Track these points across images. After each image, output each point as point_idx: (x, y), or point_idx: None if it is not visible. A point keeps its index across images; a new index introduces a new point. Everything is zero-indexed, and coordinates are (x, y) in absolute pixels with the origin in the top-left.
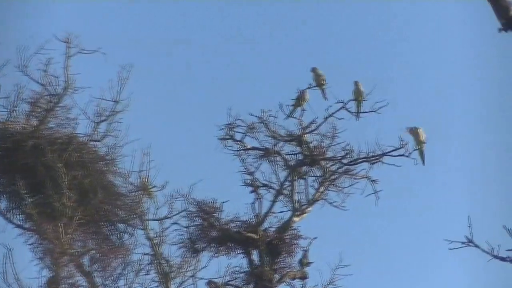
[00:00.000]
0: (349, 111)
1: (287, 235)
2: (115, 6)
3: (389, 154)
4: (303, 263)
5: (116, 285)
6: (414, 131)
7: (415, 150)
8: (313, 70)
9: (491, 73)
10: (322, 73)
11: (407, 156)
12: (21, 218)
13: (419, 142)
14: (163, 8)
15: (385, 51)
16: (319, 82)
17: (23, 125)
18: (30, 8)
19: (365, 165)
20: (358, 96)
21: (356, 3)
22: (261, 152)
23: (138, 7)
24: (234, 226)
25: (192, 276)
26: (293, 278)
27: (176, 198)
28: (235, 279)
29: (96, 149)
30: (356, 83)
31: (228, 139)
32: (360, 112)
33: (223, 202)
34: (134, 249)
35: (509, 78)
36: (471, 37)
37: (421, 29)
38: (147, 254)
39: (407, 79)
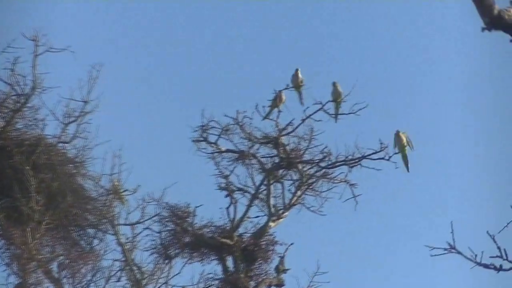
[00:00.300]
0: (327, 112)
1: (263, 241)
2: (86, 4)
3: (368, 157)
4: (280, 269)
5: None
6: (396, 135)
7: (395, 153)
8: (296, 71)
9: (475, 76)
10: (301, 76)
11: (387, 160)
12: None
13: (401, 146)
14: (136, 8)
15: (367, 51)
16: (296, 84)
17: None
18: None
19: (344, 168)
20: (336, 97)
21: (336, 3)
22: (236, 154)
23: (111, 6)
24: (208, 232)
25: (164, 283)
26: (269, 286)
27: (148, 202)
28: (209, 286)
29: (65, 151)
30: (334, 84)
31: (202, 141)
32: (339, 114)
33: (197, 207)
34: (105, 255)
35: (494, 81)
36: (455, 36)
37: (404, 29)
38: (118, 260)
39: (389, 80)
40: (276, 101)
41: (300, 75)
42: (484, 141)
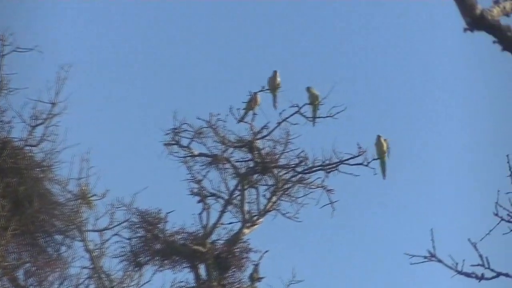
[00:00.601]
0: (304, 116)
1: (237, 248)
2: (54, 3)
3: (346, 162)
4: (254, 278)
5: None
6: (377, 140)
7: (375, 159)
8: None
9: (456, 81)
10: (279, 79)
11: (365, 165)
12: None
13: (380, 152)
14: (106, 7)
15: (347, 53)
16: (273, 86)
17: None
18: None
19: (321, 173)
20: (313, 100)
21: (315, 5)
22: (209, 159)
23: (81, 5)
24: (180, 238)
25: None
26: None
27: (118, 207)
28: None
29: (32, 154)
30: (308, 88)
31: (173, 144)
32: (316, 117)
33: (168, 213)
34: (72, 262)
35: (475, 86)
36: (437, 38)
37: (385, 30)
38: (86, 267)
39: (369, 83)
40: (251, 103)
41: (278, 78)
42: (465, 147)
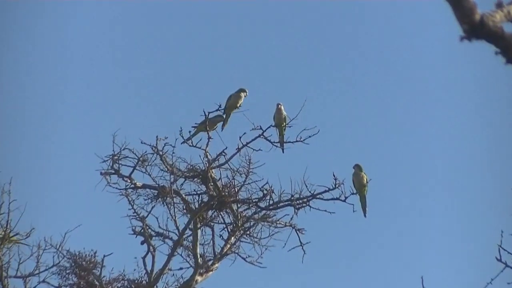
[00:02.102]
0: (269, 140)
1: None
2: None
3: (319, 196)
4: None
5: None
6: (356, 171)
7: (353, 194)
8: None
9: (437, 102)
10: (242, 96)
11: (342, 201)
12: None
13: (360, 186)
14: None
15: (320, 66)
16: (233, 105)
17: None
18: None
19: (290, 210)
20: (280, 122)
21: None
22: (155, 191)
23: None
24: (119, 287)
25: None
26: None
27: (45, 249)
28: None
29: None
30: (277, 106)
31: (112, 174)
32: (284, 142)
33: (106, 256)
34: None
35: (470, 114)
36: (420, 51)
37: (364, 43)
38: None
39: (346, 102)
40: (205, 125)
41: (242, 97)
42: (462, 178)
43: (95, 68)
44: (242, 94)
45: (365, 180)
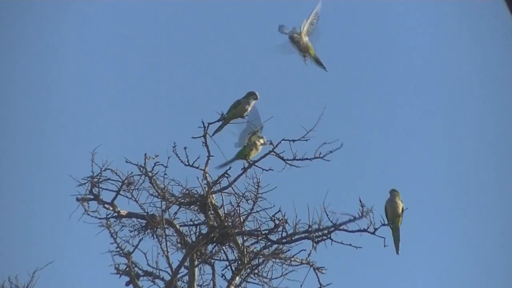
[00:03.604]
0: (281, 158)
1: None
2: None
3: (343, 227)
4: None
5: None
6: (391, 197)
7: (384, 225)
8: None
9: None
10: (252, 104)
11: (371, 233)
12: None
13: (394, 215)
14: None
15: (343, 70)
16: (239, 113)
17: None
18: None
19: (307, 243)
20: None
21: None
22: (143, 221)
23: None
24: None
25: None
26: None
27: None
28: None
29: None
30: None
31: (91, 200)
32: (298, 159)
33: None
34: None
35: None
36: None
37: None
38: None
39: (377, 110)
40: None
41: (251, 105)
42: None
43: (69, 74)
44: (252, 101)
45: (401, 209)
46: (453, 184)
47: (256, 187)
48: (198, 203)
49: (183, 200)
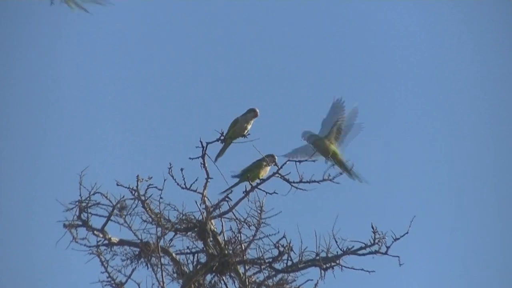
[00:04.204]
0: (287, 180)
1: None
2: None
3: (353, 252)
4: None
5: None
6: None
7: (399, 238)
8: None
9: None
10: (252, 121)
11: (383, 253)
12: None
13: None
14: None
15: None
16: (238, 131)
17: None
18: None
19: (314, 272)
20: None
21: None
22: (136, 249)
23: None
24: None
25: None
26: None
27: None
28: None
29: None
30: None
31: (79, 226)
32: (305, 182)
33: None
34: None
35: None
36: None
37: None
38: None
39: (390, 123)
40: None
41: (251, 122)
42: None
43: (57, 88)
44: (252, 118)
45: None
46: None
47: (259, 211)
48: (196, 229)
49: (179, 226)
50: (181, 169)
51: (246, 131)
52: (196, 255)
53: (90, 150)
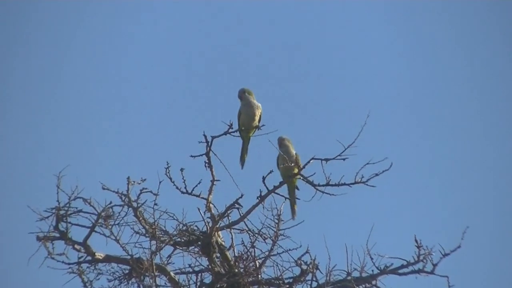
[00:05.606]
0: (310, 182)
1: None
2: None
3: (393, 272)
4: None
5: None
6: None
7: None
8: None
9: None
10: (254, 105)
11: (429, 273)
12: None
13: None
14: None
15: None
16: (248, 122)
17: None
18: None
19: None
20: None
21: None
22: (126, 266)
23: None
24: None
25: None
26: None
27: None
28: None
29: None
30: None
31: (56, 238)
32: (333, 185)
33: None
34: None
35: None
36: None
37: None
38: None
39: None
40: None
41: (255, 107)
42: None
43: (43, 84)
44: (253, 101)
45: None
46: None
47: (277, 221)
48: (199, 242)
49: (179, 239)
50: (181, 169)
51: (255, 121)
52: (199, 274)
53: (70, 146)
